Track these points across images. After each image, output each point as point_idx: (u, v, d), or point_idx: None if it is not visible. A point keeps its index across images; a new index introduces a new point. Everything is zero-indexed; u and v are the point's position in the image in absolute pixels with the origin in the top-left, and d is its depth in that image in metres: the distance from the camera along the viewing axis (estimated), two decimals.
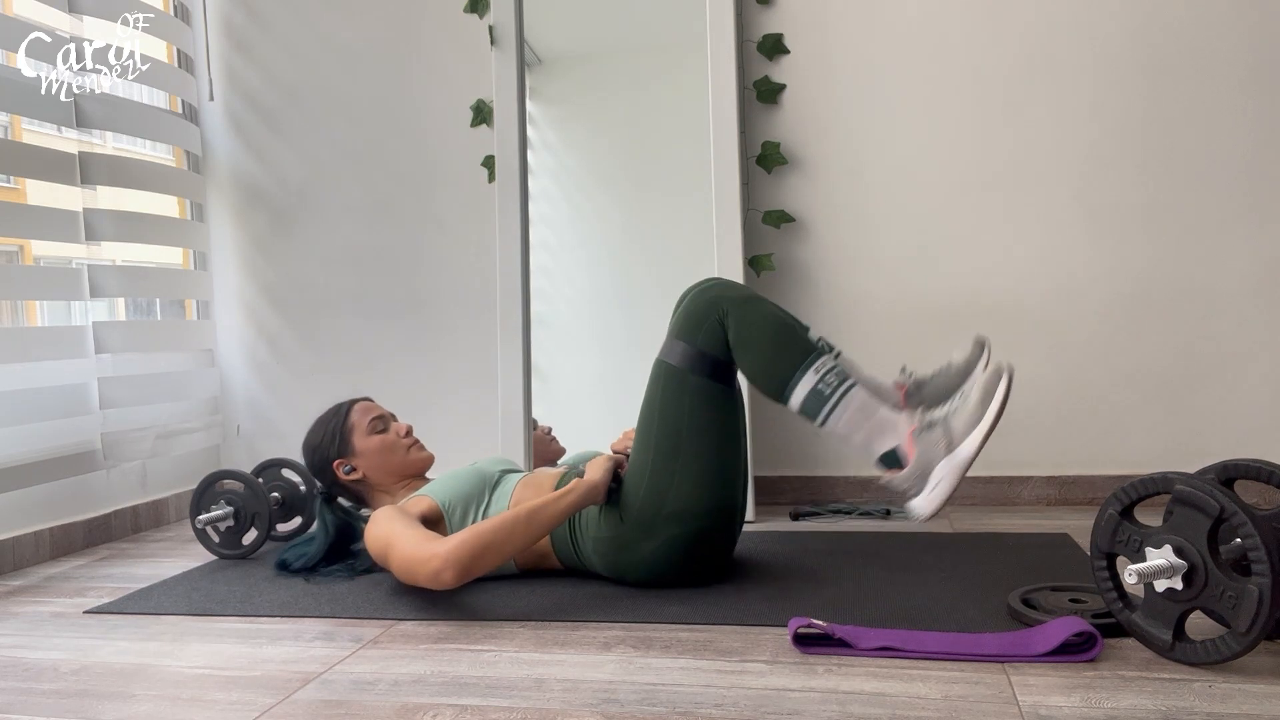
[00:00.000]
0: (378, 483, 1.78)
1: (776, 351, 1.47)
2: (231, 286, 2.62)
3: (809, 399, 1.46)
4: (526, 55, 2.31)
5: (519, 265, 2.25)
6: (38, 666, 1.34)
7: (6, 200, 2.01)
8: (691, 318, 1.54)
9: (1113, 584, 1.21)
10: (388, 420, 1.80)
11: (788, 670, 1.19)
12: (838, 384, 1.46)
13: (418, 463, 1.78)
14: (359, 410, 1.80)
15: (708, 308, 1.53)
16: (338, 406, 1.82)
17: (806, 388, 1.46)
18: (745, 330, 1.50)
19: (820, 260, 2.24)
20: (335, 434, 1.76)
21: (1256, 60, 2.05)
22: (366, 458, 1.75)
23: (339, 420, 1.78)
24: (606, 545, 1.57)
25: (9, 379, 1.99)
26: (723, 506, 1.55)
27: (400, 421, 1.90)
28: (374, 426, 1.77)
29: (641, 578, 1.57)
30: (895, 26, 2.20)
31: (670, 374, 1.54)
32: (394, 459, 1.76)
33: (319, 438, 1.78)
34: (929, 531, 1.92)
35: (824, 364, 1.47)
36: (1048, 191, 2.15)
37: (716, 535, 1.56)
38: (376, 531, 1.53)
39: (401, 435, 1.78)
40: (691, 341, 1.52)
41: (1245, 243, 2.08)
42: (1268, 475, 1.30)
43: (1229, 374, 2.10)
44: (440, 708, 1.13)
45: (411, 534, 1.46)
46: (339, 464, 1.76)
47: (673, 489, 1.52)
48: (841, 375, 1.47)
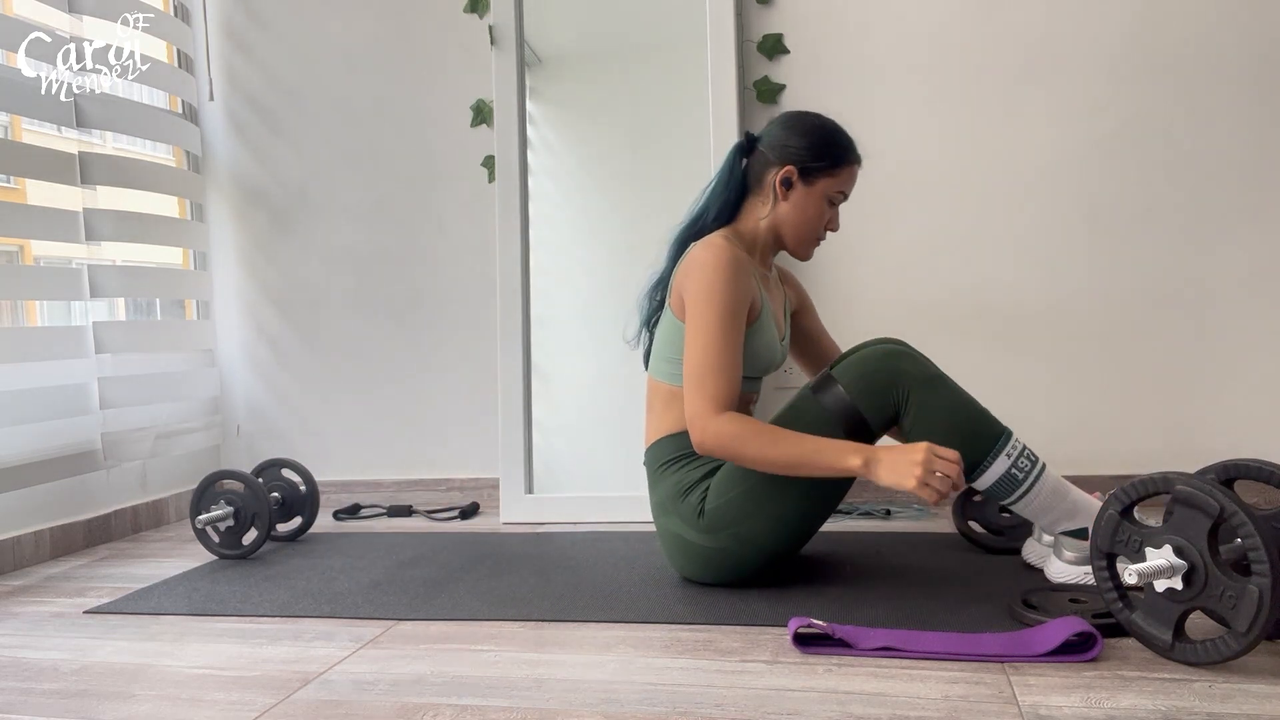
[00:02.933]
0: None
1: (965, 439, 1.44)
2: (231, 286, 2.62)
3: (1001, 482, 1.45)
4: (526, 55, 2.31)
5: (519, 265, 2.26)
6: (38, 666, 1.34)
7: (6, 200, 2.01)
8: (867, 379, 1.46)
9: (1113, 584, 1.21)
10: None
11: (788, 670, 1.19)
12: (1030, 467, 1.45)
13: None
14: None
15: (888, 381, 1.46)
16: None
17: (999, 472, 1.44)
18: (930, 415, 1.44)
19: (820, 260, 2.24)
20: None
21: (1256, 60, 2.05)
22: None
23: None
24: (678, 504, 1.53)
25: (9, 379, 1.99)
26: (780, 552, 1.53)
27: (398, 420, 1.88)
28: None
29: (670, 553, 1.57)
30: (895, 26, 2.20)
31: (818, 415, 1.47)
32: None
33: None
34: (929, 532, 1.92)
35: (1014, 447, 1.45)
36: (1047, 191, 2.15)
37: (749, 569, 1.54)
38: (705, 319, 1.47)
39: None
40: (855, 398, 1.46)
41: (1245, 243, 2.08)
42: (1268, 475, 1.30)
43: (1229, 374, 2.10)
44: (440, 708, 1.13)
45: (726, 373, 1.45)
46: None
47: (755, 516, 1.49)
48: (1033, 458, 1.46)
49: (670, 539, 1.56)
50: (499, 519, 2.23)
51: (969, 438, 1.44)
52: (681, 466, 1.56)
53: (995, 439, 1.44)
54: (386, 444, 2.52)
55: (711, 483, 1.52)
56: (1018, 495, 1.45)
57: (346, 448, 2.55)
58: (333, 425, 2.55)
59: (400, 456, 2.48)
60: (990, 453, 1.44)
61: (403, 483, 2.45)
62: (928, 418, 1.45)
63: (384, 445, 2.53)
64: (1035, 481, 1.45)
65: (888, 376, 1.46)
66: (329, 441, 2.56)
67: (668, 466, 1.58)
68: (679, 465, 1.56)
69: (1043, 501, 1.46)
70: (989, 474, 1.45)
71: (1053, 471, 1.48)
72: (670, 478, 1.56)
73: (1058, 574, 1.49)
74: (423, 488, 2.46)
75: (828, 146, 1.59)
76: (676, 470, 1.56)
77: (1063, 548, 1.50)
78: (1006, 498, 1.46)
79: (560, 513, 2.18)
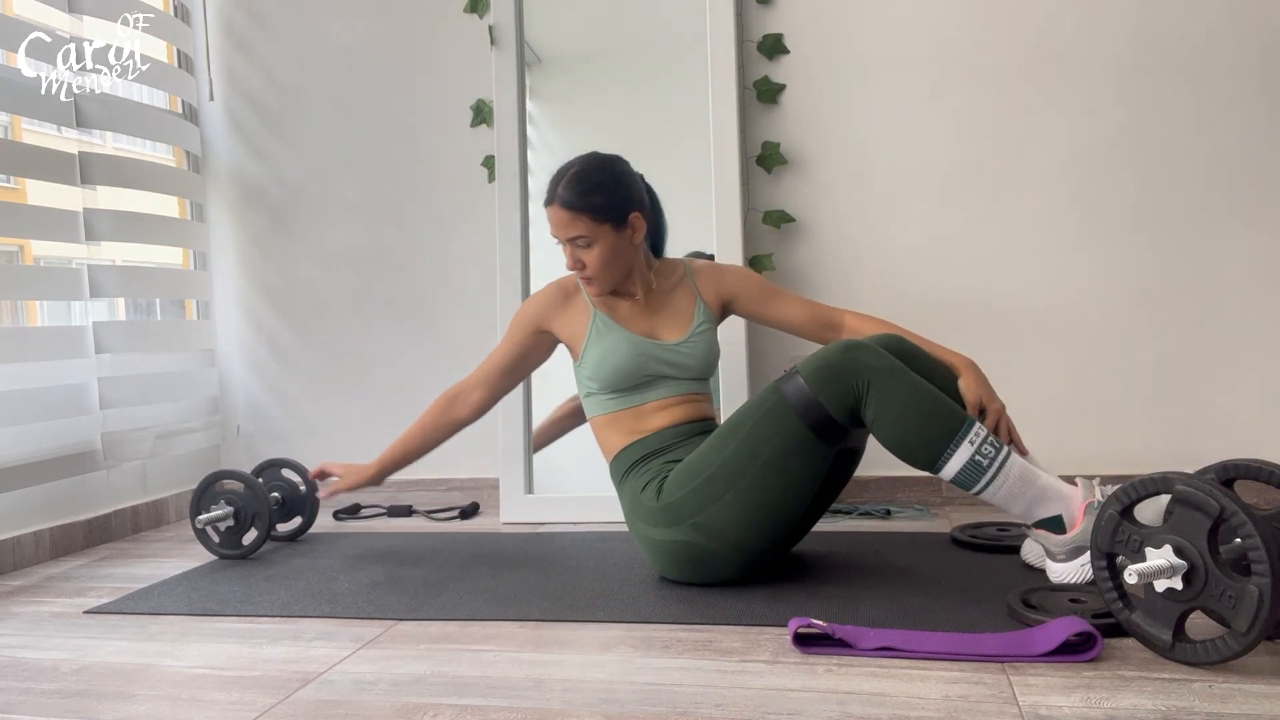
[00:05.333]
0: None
1: (926, 424, 1.43)
2: (231, 286, 2.62)
3: (965, 470, 1.43)
4: (526, 55, 2.31)
5: (519, 265, 2.25)
6: (38, 666, 1.34)
7: (6, 200, 2.01)
8: (827, 370, 1.47)
9: (1113, 584, 1.21)
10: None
11: (788, 670, 1.19)
12: (994, 454, 1.43)
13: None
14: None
15: (849, 370, 1.46)
16: None
17: (962, 459, 1.43)
18: (890, 404, 1.44)
19: (820, 260, 2.24)
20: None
21: (1256, 61, 2.05)
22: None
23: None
24: (638, 506, 1.60)
25: (9, 379, 1.99)
26: (750, 549, 1.53)
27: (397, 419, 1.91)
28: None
29: (649, 556, 1.61)
30: (895, 26, 2.20)
31: (777, 405, 1.49)
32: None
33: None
34: (928, 532, 1.92)
35: (978, 434, 1.43)
36: (1047, 191, 2.15)
37: (725, 567, 1.55)
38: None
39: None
40: (815, 389, 1.46)
41: (1245, 243, 2.07)
42: (1268, 475, 1.30)
43: (1229, 374, 2.10)
44: (440, 708, 1.13)
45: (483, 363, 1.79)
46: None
47: (716, 504, 1.50)
48: (997, 445, 1.44)
49: (642, 543, 1.62)
50: (499, 519, 2.23)
51: (931, 426, 1.44)
52: (632, 473, 1.64)
53: (958, 427, 1.44)
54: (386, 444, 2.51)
55: (668, 478, 1.57)
56: (984, 483, 1.43)
57: (346, 448, 2.55)
58: (333, 425, 2.55)
59: None
60: (953, 440, 1.43)
61: (403, 483, 2.45)
62: (890, 407, 1.44)
63: (384, 445, 2.51)
64: (1000, 468, 1.43)
65: (848, 366, 1.47)
66: (329, 441, 2.55)
67: (624, 477, 1.66)
68: (631, 474, 1.65)
69: (1010, 488, 1.44)
70: (952, 462, 1.43)
71: (1019, 459, 1.46)
72: (628, 486, 1.65)
73: (1059, 575, 1.49)
74: (423, 488, 2.46)
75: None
76: (631, 478, 1.64)
77: (1051, 548, 1.49)
78: (972, 486, 1.44)
79: (560, 513, 2.18)
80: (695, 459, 1.55)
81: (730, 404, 2.12)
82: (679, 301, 1.74)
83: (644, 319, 1.71)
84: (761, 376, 2.25)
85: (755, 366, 2.23)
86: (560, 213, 1.65)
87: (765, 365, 2.25)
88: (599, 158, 1.69)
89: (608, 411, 1.69)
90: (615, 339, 1.67)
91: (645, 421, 1.66)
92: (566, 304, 1.73)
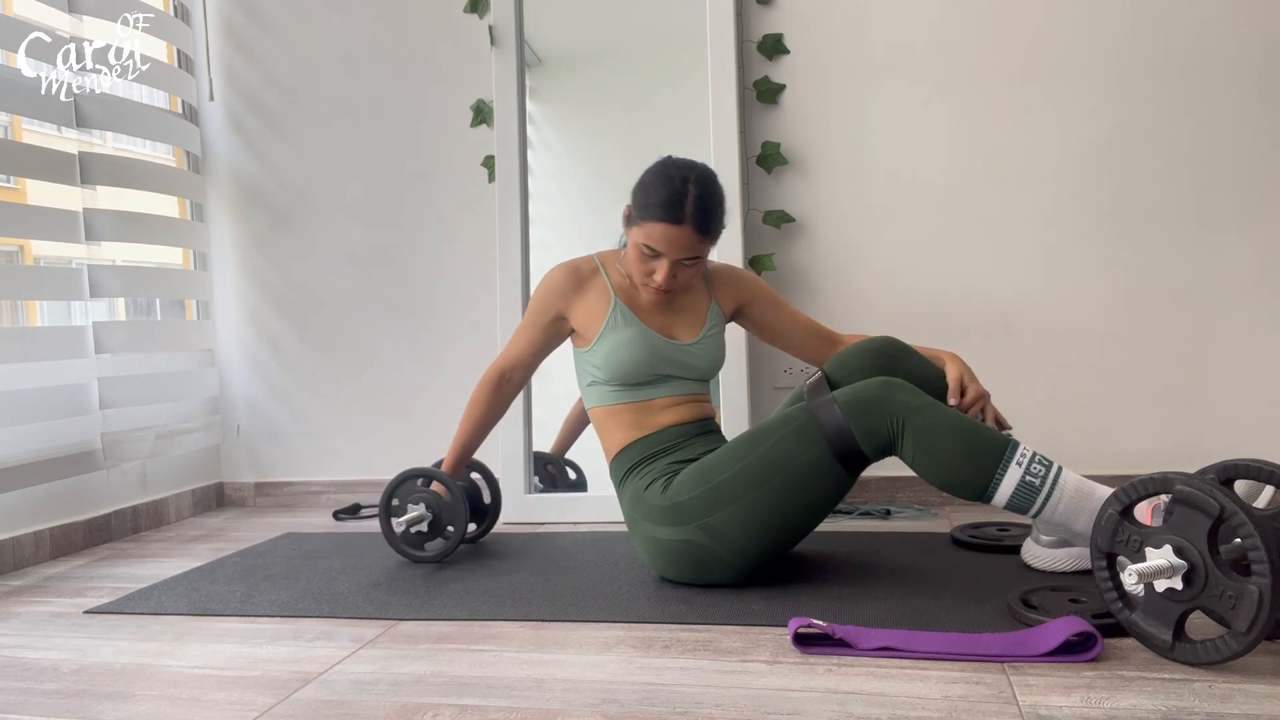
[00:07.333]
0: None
1: (970, 455, 1.39)
2: (231, 286, 2.62)
3: (1018, 493, 1.37)
4: (526, 55, 2.31)
5: (519, 265, 2.26)
6: (38, 666, 1.34)
7: (6, 200, 2.01)
8: (863, 404, 1.45)
9: (1113, 584, 1.21)
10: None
11: (788, 670, 1.19)
12: (1045, 471, 1.37)
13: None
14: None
15: (882, 409, 1.43)
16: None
17: (1013, 483, 1.37)
18: (928, 440, 1.41)
19: (820, 260, 2.24)
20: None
21: (1256, 61, 2.05)
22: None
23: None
24: (642, 504, 1.58)
25: (9, 379, 1.99)
26: (753, 556, 1.52)
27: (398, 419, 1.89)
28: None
29: (650, 557, 1.60)
30: (895, 26, 2.20)
31: (807, 425, 1.48)
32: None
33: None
34: (928, 532, 1.92)
35: (1024, 454, 1.38)
36: (1048, 191, 2.15)
37: (724, 571, 1.54)
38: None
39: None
40: (850, 419, 1.44)
41: (1245, 243, 2.08)
42: (1268, 475, 1.30)
43: (1229, 374, 2.10)
44: (440, 708, 1.13)
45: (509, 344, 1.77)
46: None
47: (727, 510, 1.49)
48: (1046, 462, 1.38)
49: (643, 542, 1.60)
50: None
51: (974, 454, 1.39)
52: (636, 473, 1.63)
53: (1002, 450, 1.38)
54: (386, 444, 2.52)
55: (676, 477, 1.56)
56: (1040, 503, 1.37)
57: (346, 448, 2.55)
58: (333, 425, 2.55)
59: (400, 456, 2.48)
60: (999, 464, 1.38)
61: None
62: (928, 441, 1.41)
63: (384, 445, 2.53)
64: (1054, 484, 1.37)
65: (881, 404, 1.44)
66: (329, 441, 2.56)
67: (626, 477, 1.65)
68: (634, 473, 1.63)
69: (1069, 504, 1.36)
70: (1004, 487, 1.37)
71: (1072, 473, 1.39)
72: (630, 486, 1.63)
73: (1033, 557, 1.48)
74: None
75: (643, 194, 1.60)
76: (634, 478, 1.63)
77: (1038, 530, 1.49)
78: (1029, 508, 1.37)
79: (560, 513, 2.18)
80: (711, 462, 1.53)
81: (730, 404, 2.13)
82: (694, 301, 1.73)
83: (661, 315, 1.69)
84: (762, 377, 2.25)
85: (755, 367, 2.23)
86: (691, 235, 1.56)
87: (766, 365, 2.25)
88: (708, 173, 1.63)
89: (610, 404, 1.67)
90: (631, 333, 1.65)
91: (651, 418, 1.65)
92: (583, 288, 1.70)
